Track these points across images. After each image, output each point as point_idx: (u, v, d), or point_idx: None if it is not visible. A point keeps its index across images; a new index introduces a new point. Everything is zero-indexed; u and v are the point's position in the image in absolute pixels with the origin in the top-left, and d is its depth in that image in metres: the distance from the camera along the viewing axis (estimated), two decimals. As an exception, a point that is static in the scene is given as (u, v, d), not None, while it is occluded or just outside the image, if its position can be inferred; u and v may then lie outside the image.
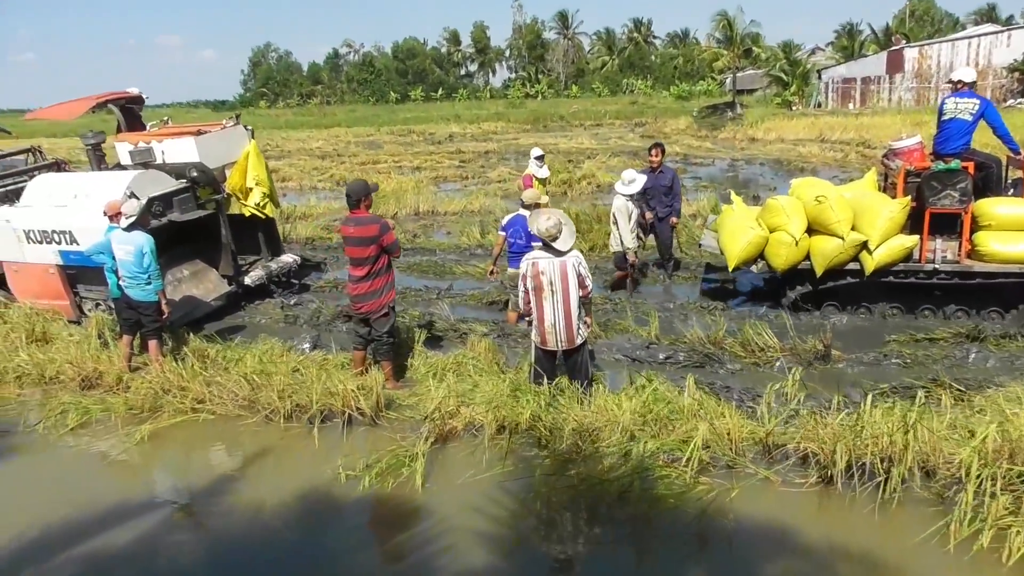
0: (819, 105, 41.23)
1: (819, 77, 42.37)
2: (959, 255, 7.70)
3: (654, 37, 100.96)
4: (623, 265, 9.51)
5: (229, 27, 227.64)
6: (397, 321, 7.16)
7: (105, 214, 7.60)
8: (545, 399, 5.75)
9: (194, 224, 9.21)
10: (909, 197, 7.75)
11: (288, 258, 10.44)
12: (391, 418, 6.21)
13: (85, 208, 8.53)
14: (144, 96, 10.59)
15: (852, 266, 7.88)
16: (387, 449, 5.62)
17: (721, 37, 47.32)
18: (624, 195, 9.11)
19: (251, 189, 9.67)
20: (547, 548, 4.50)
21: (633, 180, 9.15)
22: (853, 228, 7.71)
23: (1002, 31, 36.64)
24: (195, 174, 9.23)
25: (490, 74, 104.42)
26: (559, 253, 5.75)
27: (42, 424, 6.52)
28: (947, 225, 7.70)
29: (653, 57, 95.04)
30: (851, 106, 39.99)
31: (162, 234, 8.29)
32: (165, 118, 10.78)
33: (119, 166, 9.91)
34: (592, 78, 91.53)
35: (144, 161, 9.49)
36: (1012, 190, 8.14)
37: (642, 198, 9.51)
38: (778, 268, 8.18)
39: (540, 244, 5.85)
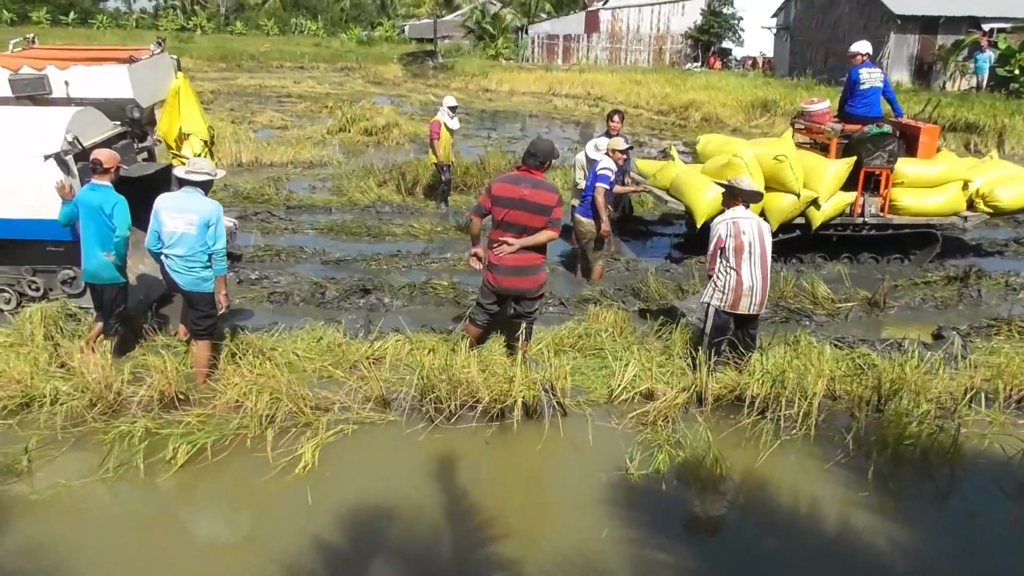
0: (526, 59, 43.35)
1: (526, 32, 44.47)
2: (882, 209, 8.81)
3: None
4: None
5: None
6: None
7: (99, 168, 5.55)
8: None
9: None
10: (855, 157, 8.61)
11: (228, 222, 8.44)
12: (575, 404, 5.55)
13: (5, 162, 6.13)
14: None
15: (798, 220, 8.57)
16: (636, 442, 5.06)
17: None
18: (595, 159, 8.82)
19: (187, 136, 7.67)
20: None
21: (602, 148, 8.88)
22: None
23: (678, 1, 41.68)
24: (136, 115, 7.06)
25: (131, 1, 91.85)
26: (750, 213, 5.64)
27: (139, 464, 4.67)
28: (871, 183, 8.70)
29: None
30: (558, 62, 42.75)
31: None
32: (31, 35, 7.96)
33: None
34: (256, 14, 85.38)
35: (31, 94, 7.03)
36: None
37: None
38: None
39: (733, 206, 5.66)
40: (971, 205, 8.73)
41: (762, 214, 8.37)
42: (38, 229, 6.25)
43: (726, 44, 40.66)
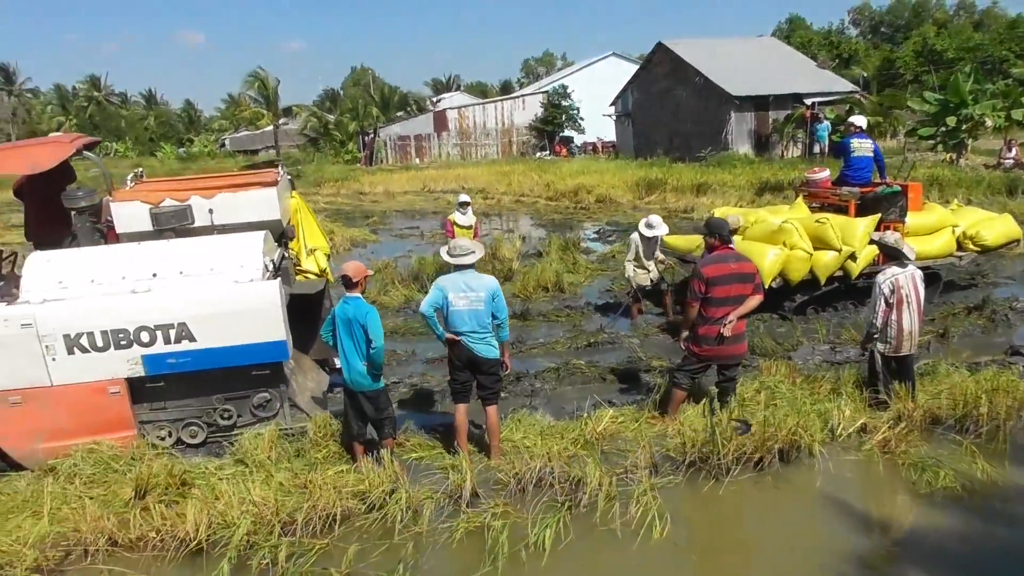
0: (382, 161, 44.18)
1: (377, 135, 45.40)
2: None
3: (114, 95, 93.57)
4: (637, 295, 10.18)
5: None
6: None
7: (348, 282, 5.73)
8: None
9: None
10: (880, 214, 10.06)
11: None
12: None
13: (205, 287, 6.04)
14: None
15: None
16: (900, 466, 5.81)
17: (257, 96, 46.97)
18: (647, 236, 9.74)
19: (313, 251, 7.76)
20: None
21: (655, 226, 9.79)
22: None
23: (518, 96, 44.50)
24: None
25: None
26: (905, 266, 6.64)
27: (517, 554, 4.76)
28: (885, 234, 10.25)
29: (122, 118, 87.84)
30: (416, 160, 43.89)
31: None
32: (139, 169, 7.70)
33: (94, 229, 7.00)
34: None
35: (173, 226, 6.88)
36: None
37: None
38: (794, 280, 9.52)
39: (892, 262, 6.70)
40: (959, 246, 10.40)
41: (811, 270, 9.55)
42: (248, 355, 6.12)
43: (567, 132, 43.86)
